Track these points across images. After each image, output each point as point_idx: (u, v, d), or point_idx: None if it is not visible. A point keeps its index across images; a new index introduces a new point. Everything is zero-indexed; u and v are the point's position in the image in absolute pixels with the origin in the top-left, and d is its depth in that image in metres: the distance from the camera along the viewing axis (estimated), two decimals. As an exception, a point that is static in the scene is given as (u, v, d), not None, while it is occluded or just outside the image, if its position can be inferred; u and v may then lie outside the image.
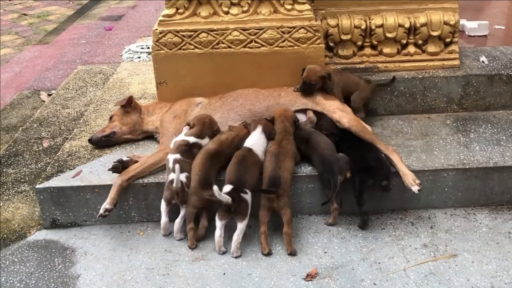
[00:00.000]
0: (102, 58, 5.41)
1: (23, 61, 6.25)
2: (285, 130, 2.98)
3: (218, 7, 3.28)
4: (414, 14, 3.53)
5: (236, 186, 2.68)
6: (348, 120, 3.03)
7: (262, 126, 2.99)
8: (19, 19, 8.77)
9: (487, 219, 2.91)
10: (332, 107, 3.13)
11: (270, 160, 2.82)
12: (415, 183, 2.77)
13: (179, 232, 2.83)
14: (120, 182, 2.87)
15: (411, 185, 2.77)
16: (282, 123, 3.02)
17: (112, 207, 2.82)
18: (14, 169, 3.62)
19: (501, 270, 2.55)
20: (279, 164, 2.79)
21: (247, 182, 2.73)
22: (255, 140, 2.94)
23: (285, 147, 2.90)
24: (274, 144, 2.91)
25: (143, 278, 2.61)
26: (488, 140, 3.18)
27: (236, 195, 2.65)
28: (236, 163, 2.80)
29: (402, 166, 2.85)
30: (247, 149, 2.89)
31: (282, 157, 2.83)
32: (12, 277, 2.68)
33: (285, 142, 2.93)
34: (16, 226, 3.07)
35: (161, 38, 3.29)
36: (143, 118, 3.36)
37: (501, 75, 3.48)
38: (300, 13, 3.27)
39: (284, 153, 2.85)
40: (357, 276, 2.55)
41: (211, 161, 2.84)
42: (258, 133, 2.97)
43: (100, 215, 2.80)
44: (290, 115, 3.07)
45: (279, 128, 3.00)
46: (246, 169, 2.77)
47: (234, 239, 2.69)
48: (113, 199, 2.83)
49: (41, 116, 4.30)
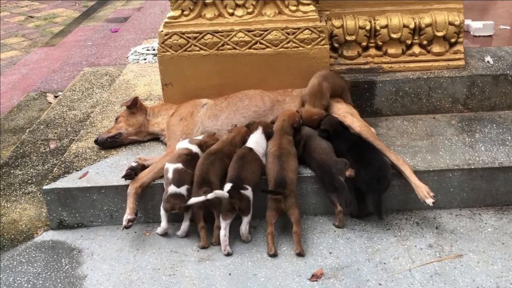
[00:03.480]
0: (108, 60, 5.44)
1: (29, 63, 6.30)
2: (281, 129, 2.99)
3: (223, 8, 3.30)
4: (419, 14, 3.53)
5: (235, 183, 2.70)
6: (360, 125, 3.02)
7: (262, 127, 3.02)
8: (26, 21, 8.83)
9: (493, 219, 2.91)
10: (341, 111, 3.13)
11: (273, 162, 2.82)
12: (429, 196, 2.72)
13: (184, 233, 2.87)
14: (134, 191, 2.89)
15: (425, 197, 2.72)
16: (282, 122, 3.03)
17: (134, 216, 2.83)
18: (21, 170, 3.65)
19: (507, 270, 2.55)
20: (283, 165, 2.80)
21: (246, 179, 2.74)
22: (256, 141, 2.96)
23: (286, 147, 2.90)
24: (274, 146, 2.92)
25: (149, 279, 2.63)
26: (493, 140, 3.18)
27: (236, 193, 2.66)
28: (236, 161, 2.82)
29: (414, 178, 2.80)
30: (248, 148, 2.91)
31: (285, 158, 2.83)
32: (20, 277, 2.70)
33: (285, 142, 2.93)
34: (24, 227, 3.10)
35: (167, 40, 3.31)
36: (149, 119, 3.38)
37: (507, 75, 3.48)
38: (304, 14, 3.28)
39: (286, 154, 2.86)
40: (363, 276, 2.56)
41: (210, 159, 2.85)
42: (259, 134, 2.99)
43: (124, 226, 2.81)
44: (292, 117, 3.06)
45: (275, 126, 3.02)
46: (246, 166, 2.79)
47: (242, 229, 2.74)
48: (132, 209, 2.84)
49: (48, 117, 4.33)
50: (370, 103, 3.51)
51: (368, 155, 2.83)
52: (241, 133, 3.03)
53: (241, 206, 2.69)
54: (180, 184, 2.79)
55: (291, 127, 3.02)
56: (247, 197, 2.70)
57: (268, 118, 3.19)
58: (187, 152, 2.94)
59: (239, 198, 2.68)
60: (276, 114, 3.19)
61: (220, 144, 2.97)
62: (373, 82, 3.47)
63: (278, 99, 3.27)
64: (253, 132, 3.01)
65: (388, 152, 2.90)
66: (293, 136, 3.01)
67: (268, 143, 2.98)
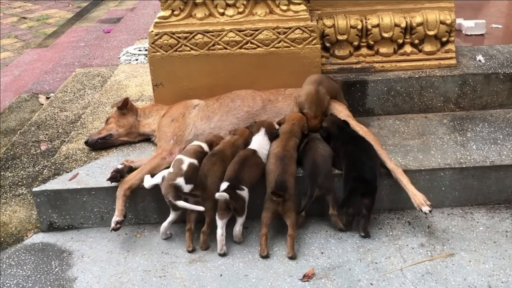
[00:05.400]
0: (100, 60, 5.42)
1: (22, 64, 6.27)
2: (290, 131, 2.97)
3: (214, 8, 3.29)
4: (410, 13, 3.53)
5: (232, 183, 2.69)
6: (361, 130, 3.02)
7: (265, 128, 3.00)
8: (19, 22, 8.79)
9: (484, 218, 2.91)
10: (342, 114, 3.13)
11: (276, 164, 2.80)
12: (425, 204, 2.70)
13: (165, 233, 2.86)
14: (123, 193, 2.87)
15: (422, 205, 2.70)
16: (292, 125, 3.00)
17: (122, 218, 2.81)
18: (12, 172, 3.62)
19: (498, 269, 2.55)
20: (285, 168, 2.77)
21: (244, 180, 2.73)
22: (259, 143, 2.94)
23: (290, 150, 2.88)
24: (278, 146, 2.89)
25: (140, 280, 2.61)
26: (485, 139, 3.18)
27: (232, 192, 2.65)
28: (237, 162, 2.81)
29: (411, 187, 2.78)
30: (252, 150, 2.89)
31: (287, 161, 2.81)
32: (9, 280, 2.68)
33: (290, 144, 2.91)
34: (14, 230, 3.08)
35: (157, 40, 3.30)
36: (140, 120, 3.36)
37: (498, 74, 3.48)
38: (295, 13, 3.27)
39: (289, 157, 2.84)
40: (354, 276, 2.55)
41: (212, 160, 2.83)
42: (261, 135, 2.97)
43: (112, 229, 2.78)
44: (302, 121, 3.05)
45: (285, 128, 3.00)
46: (246, 168, 2.77)
47: (236, 230, 2.73)
48: (121, 211, 2.82)
49: (39, 119, 4.30)
50: (362, 103, 3.50)
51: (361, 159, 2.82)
52: (244, 136, 3.02)
53: (236, 206, 2.67)
54: (189, 181, 2.76)
55: (301, 131, 3.01)
56: (243, 198, 2.70)
57: (261, 118, 3.17)
58: (201, 149, 2.95)
59: (235, 198, 2.66)
60: (269, 114, 3.18)
61: (222, 146, 2.95)
62: (365, 81, 3.46)
63: (270, 99, 3.26)
64: (255, 134, 2.99)
65: (388, 160, 2.89)
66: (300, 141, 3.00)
67: (272, 143, 2.96)
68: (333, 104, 3.20)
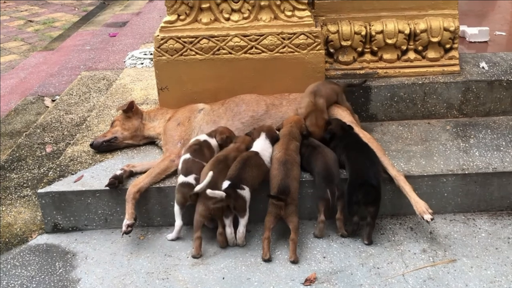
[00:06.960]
0: (105, 64, 5.45)
1: (28, 67, 6.32)
2: (289, 134, 2.99)
3: (219, 13, 3.32)
4: (414, 20, 3.55)
5: (234, 182, 2.71)
6: (364, 136, 3.04)
7: (265, 132, 3.02)
8: (25, 25, 8.86)
9: (487, 224, 2.91)
10: (345, 120, 3.15)
11: (278, 169, 2.81)
12: (427, 212, 2.70)
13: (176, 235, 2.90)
14: (132, 196, 2.89)
15: (424, 213, 2.70)
16: (290, 127, 3.03)
17: (133, 221, 2.83)
18: (17, 174, 3.65)
19: (500, 275, 2.55)
20: (288, 173, 2.79)
21: (245, 180, 2.74)
22: (261, 146, 2.96)
23: (292, 154, 2.89)
24: (280, 151, 2.91)
25: (143, 282, 2.63)
26: (487, 145, 3.19)
27: (232, 191, 2.67)
28: (239, 162, 2.83)
29: (414, 195, 2.79)
30: (255, 152, 2.91)
31: (290, 165, 2.83)
32: (14, 280, 2.70)
33: (292, 148, 2.92)
34: (18, 231, 3.10)
35: (163, 44, 3.33)
36: (145, 123, 3.39)
37: (501, 81, 3.49)
38: (300, 19, 3.30)
39: (291, 161, 2.85)
40: (356, 281, 2.56)
41: (219, 167, 2.84)
42: (263, 140, 2.99)
43: (124, 232, 2.81)
44: (299, 123, 3.07)
45: (283, 131, 3.02)
46: (248, 168, 2.79)
47: (240, 231, 2.75)
48: (131, 214, 2.85)
49: (45, 121, 4.34)
50: (365, 108, 3.52)
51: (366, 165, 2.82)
52: (245, 142, 3.04)
53: (236, 205, 2.69)
54: (188, 173, 2.82)
55: (300, 133, 3.03)
56: (243, 197, 2.71)
57: (265, 122, 3.19)
58: (196, 142, 3.00)
59: (235, 197, 2.68)
60: (273, 118, 3.20)
61: (227, 151, 2.97)
62: (368, 87, 3.48)
63: (274, 103, 3.28)
64: (256, 139, 3.01)
65: (390, 166, 2.90)
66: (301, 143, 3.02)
67: (274, 147, 2.98)
68: (336, 110, 3.23)
